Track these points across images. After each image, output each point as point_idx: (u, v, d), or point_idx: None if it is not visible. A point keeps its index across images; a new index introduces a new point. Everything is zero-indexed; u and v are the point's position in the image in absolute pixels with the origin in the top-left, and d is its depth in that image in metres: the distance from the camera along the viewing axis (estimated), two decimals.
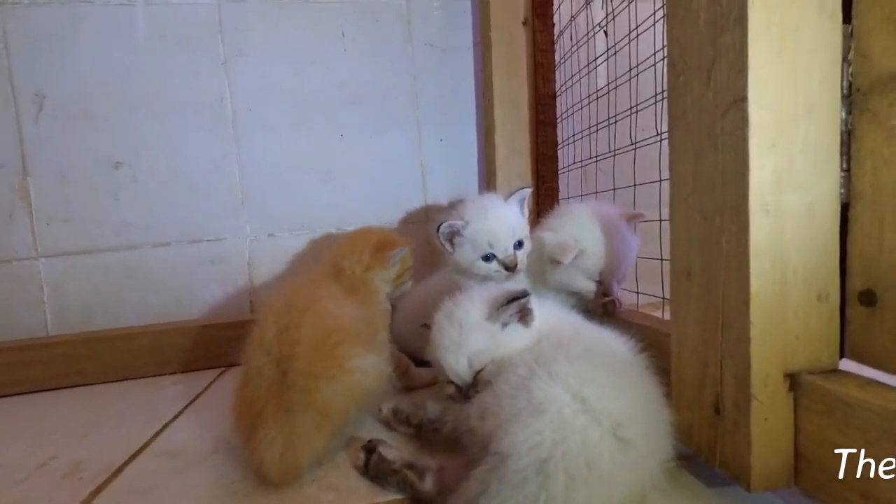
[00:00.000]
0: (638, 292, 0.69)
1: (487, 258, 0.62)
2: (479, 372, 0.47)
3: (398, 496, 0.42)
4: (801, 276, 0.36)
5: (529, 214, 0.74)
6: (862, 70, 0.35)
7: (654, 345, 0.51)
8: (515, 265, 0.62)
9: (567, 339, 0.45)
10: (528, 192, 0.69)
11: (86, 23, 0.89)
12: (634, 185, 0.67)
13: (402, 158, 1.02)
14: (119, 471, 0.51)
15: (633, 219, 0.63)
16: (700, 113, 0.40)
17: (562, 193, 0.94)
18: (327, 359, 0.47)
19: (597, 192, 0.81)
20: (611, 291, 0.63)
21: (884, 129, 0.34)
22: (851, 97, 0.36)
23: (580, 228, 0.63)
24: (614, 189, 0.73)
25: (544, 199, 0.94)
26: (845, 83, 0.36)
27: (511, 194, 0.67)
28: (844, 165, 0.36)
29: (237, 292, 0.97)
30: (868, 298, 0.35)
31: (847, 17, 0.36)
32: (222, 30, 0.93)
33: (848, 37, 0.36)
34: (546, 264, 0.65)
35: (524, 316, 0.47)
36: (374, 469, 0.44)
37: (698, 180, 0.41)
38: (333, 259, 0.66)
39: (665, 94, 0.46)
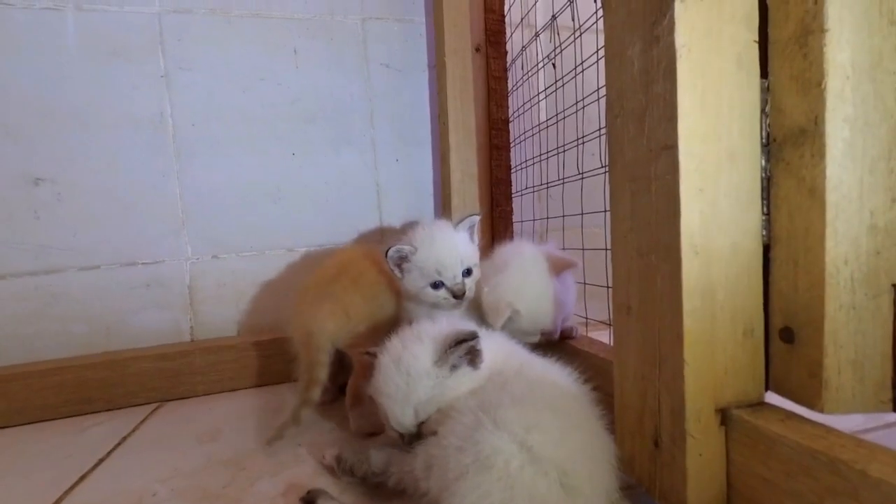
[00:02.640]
0: (587, 318, 0.70)
1: (436, 285, 0.62)
2: (423, 422, 0.45)
3: None
4: (728, 314, 0.38)
5: (482, 238, 0.74)
6: (777, 122, 0.38)
7: (602, 373, 0.52)
8: (464, 293, 0.62)
9: (511, 378, 0.45)
10: (476, 219, 0.68)
11: (5, 28, 0.81)
12: (581, 214, 0.69)
13: (357, 179, 1.00)
14: None
15: (562, 270, 0.62)
16: (635, 155, 0.41)
17: (516, 216, 0.95)
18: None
19: (548, 217, 0.83)
20: (552, 336, 0.63)
21: (796, 178, 0.36)
22: (770, 146, 0.38)
23: (515, 291, 0.61)
24: (563, 216, 0.74)
25: (498, 223, 0.95)
26: (764, 133, 0.39)
27: (460, 221, 0.67)
28: (765, 210, 0.39)
29: (175, 319, 0.90)
30: (787, 335, 0.37)
31: (764, 72, 0.39)
32: (163, 41, 0.88)
33: (765, 90, 0.38)
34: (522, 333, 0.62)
35: (473, 358, 0.46)
36: None
37: (635, 219, 0.42)
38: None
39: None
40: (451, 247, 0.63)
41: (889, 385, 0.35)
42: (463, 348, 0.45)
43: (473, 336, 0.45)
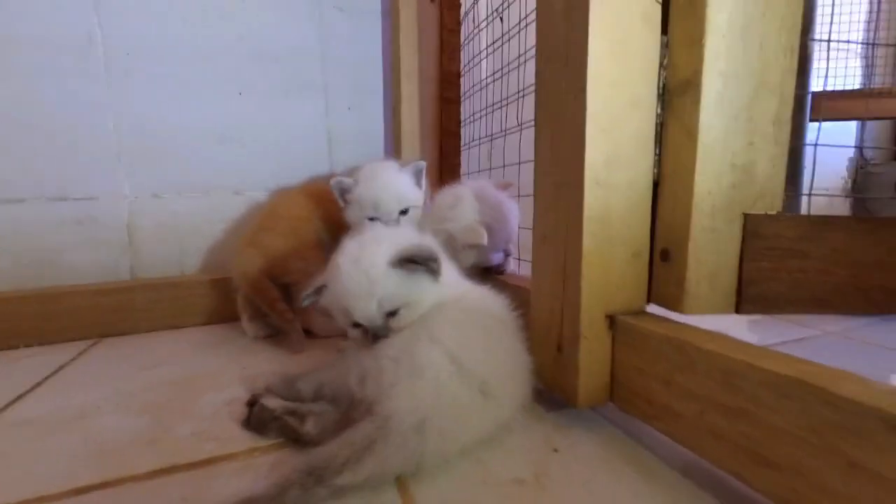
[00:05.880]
0: (520, 259, 0.77)
1: (372, 220, 0.66)
2: (391, 314, 0.48)
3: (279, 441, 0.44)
4: (622, 238, 0.45)
5: (432, 189, 0.79)
6: (671, 74, 0.44)
7: (525, 303, 0.59)
8: None
9: (451, 303, 0.50)
10: (423, 164, 0.73)
11: None
12: (519, 163, 0.75)
13: (308, 125, 0.99)
14: None
15: (505, 188, 0.70)
16: (556, 99, 0.46)
17: (463, 169, 0.99)
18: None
19: (491, 169, 0.88)
20: (491, 260, 0.70)
21: (680, 123, 0.43)
22: (664, 96, 0.45)
23: (478, 214, 0.67)
24: (504, 166, 0.80)
25: (446, 175, 0.99)
26: (661, 83, 0.45)
27: (408, 164, 0.72)
28: (657, 151, 0.46)
29: (114, 258, 0.88)
30: (665, 256, 0.45)
31: (665, 29, 0.44)
32: None
33: (665, 46, 0.44)
34: (460, 251, 0.68)
35: (431, 270, 0.49)
36: (256, 419, 0.46)
37: (554, 157, 0.48)
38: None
39: None
40: (390, 185, 0.66)
41: (734, 292, 0.43)
42: (414, 266, 0.49)
43: (427, 259, 0.49)
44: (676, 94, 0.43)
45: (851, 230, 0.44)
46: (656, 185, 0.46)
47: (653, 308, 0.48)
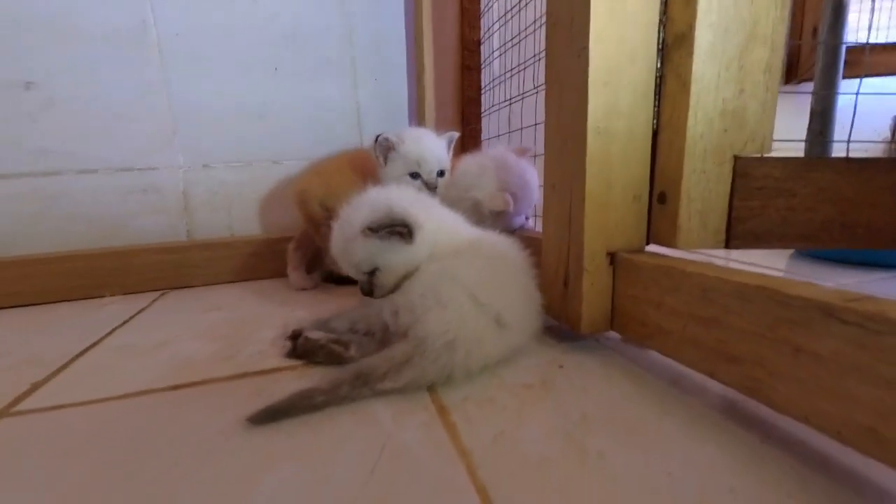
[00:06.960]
0: (536, 216, 0.83)
1: (414, 176, 0.73)
2: (370, 272, 0.56)
3: None
4: (622, 183, 0.50)
5: (454, 154, 0.85)
6: (669, 30, 0.48)
7: (538, 251, 0.65)
8: (436, 187, 0.74)
9: (465, 248, 0.57)
10: (456, 135, 0.82)
11: None
12: (535, 125, 0.79)
13: (338, 97, 1.06)
14: (72, 361, 0.57)
15: (523, 154, 0.75)
16: (564, 58, 0.51)
17: (483, 134, 1.05)
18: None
19: (510, 132, 0.93)
20: (514, 224, 0.76)
21: (676, 74, 0.47)
22: (663, 50, 0.49)
23: (499, 180, 0.73)
24: (521, 128, 0.85)
25: (468, 140, 1.04)
26: (660, 40, 0.49)
27: (443, 133, 0.79)
28: (657, 102, 0.50)
29: (172, 223, 0.99)
30: (662, 198, 0.50)
31: None
32: None
33: (663, 4, 0.48)
34: (486, 217, 0.74)
35: (403, 235, 0.54)
36: (302, 349, 0.54)
37: (560, 112, 0.53)
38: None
39: None
40: (433, 147, 0.75)
41: (724, 229, 0.48)
42: (384, 232, 0.53)
43: (391, 228, 0.53)
44: (673, 48, 0.47)
45: (839, 170, 0.47)
46: (657, 134, 0.51)
47: (653, 248, 0.53)
